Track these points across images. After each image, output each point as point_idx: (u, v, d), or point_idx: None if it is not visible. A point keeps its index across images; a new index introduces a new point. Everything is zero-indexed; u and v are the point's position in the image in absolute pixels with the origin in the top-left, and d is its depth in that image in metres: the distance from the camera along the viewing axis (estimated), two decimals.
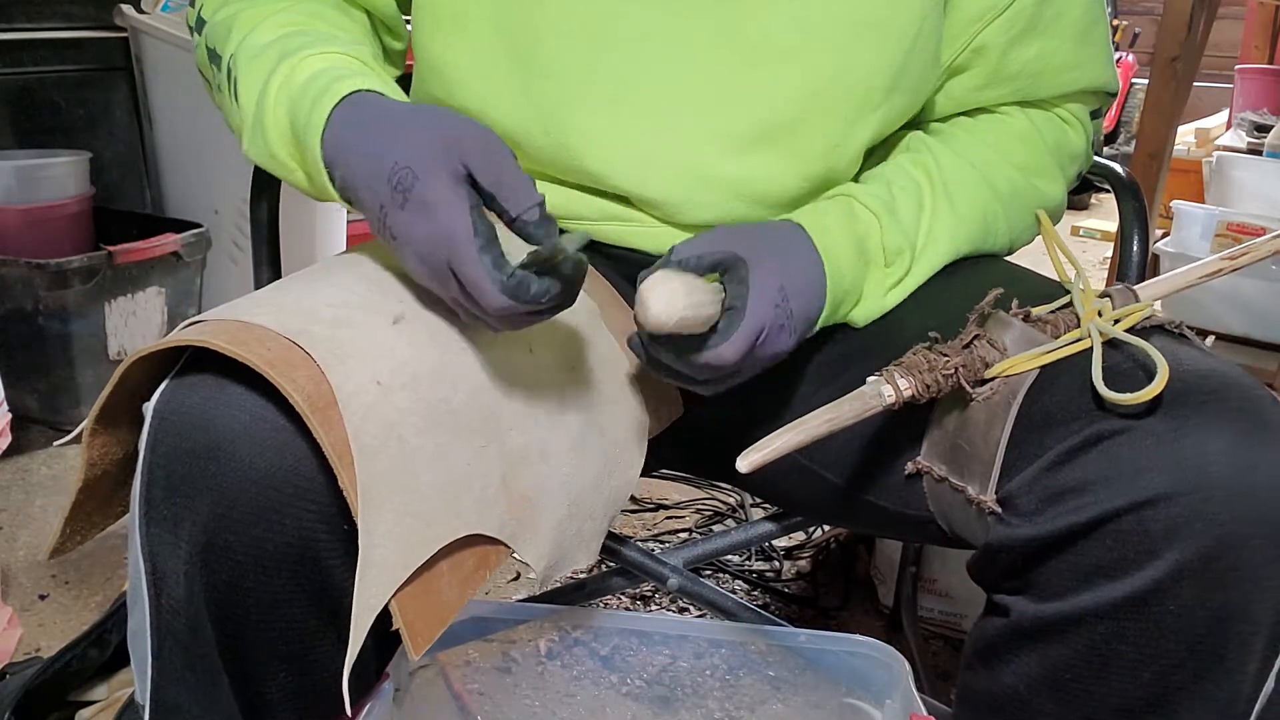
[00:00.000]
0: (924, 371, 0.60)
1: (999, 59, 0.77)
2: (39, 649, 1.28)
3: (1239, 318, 1.97)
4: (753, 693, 0.86)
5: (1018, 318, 0.62)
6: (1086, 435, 0.56)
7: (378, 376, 0.58)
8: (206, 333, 0.57)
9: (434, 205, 0.56)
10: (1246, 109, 3.01)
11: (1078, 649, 0.56)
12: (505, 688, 0.88)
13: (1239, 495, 0.52)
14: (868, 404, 0.60)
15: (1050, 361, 0.60)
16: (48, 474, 1.75)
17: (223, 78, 0.72)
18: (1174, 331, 0.62)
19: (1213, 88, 3.47)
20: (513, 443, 0.65)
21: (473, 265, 0.56)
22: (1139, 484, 0.53)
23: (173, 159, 2.22)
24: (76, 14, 2.13)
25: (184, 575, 0.56)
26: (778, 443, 0.58)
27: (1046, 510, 0.56)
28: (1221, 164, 2.40)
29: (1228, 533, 0.52)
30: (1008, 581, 0.60)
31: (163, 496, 0.56)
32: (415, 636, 0.58)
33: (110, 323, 1.89)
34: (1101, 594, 0.54)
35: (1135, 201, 0.94)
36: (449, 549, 0.60)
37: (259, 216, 0.96)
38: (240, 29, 0.72)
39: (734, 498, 1.75)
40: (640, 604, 1.44)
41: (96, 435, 0.61)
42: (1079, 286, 0.63)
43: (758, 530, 0.94)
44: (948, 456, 0.64)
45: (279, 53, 0.67)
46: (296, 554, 0.56)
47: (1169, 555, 0.52)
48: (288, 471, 0.56)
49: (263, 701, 0.60)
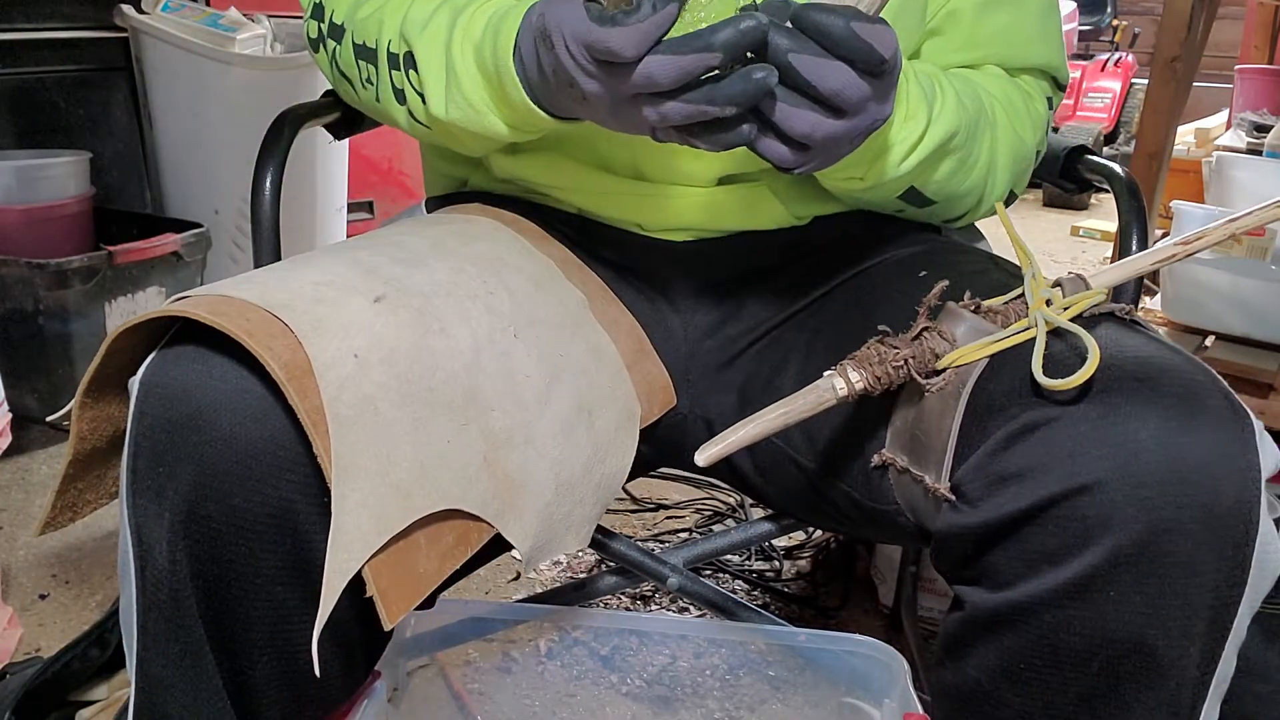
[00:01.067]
0: (875, 364, 0.61)
1: (971, 24, 0.80)
2: (39, 649, 1.28)
3: (1239, 318, 1.97)
4: (752, 692, 0.86)
5: (968, 309, 0.63)
6: (1024, 421, 0.56)
7: (355, 350, 0.58)
8: (189, 305, 0.58)
9: (554, 27, 0.58)
10: (1246, 109, 3.01)
11: (1029, 639, 0.56)
12: (505, 688, 0.88)
13: (1170, 481, 0.52)
14: (821, 397, 0.61)
15: (998, 350, 0.60)
16: (48, 474, 1.75)
17: (379, 68, 0.76)
18: (1124, 318, 0.62)
19: (1213, 88, 3.47)
20: (495, 424, 0.65)
21: (595, 34, 0.55)
22: (1072, 470, 0.53)
23: (173, 159, 2.22)
24: (76, 14, 2.13)
25: (167, 544, 0.56)
26: (734, 437, 0.59)
27: (992, 496, 0.57)
28: (1221, 164, 2.40)
29: (1160, 518, 0.52)
30: (963, 571, 0.61)
31: (147, 467, 0.57)
32: (389, 605, 0.58)
33: (110, 323, 1.90)
34: (1046, 580, 0.54)
35: (1135, 201, 0.94)
36: (427, 521, 0.60)
37: (259, 216, 0.96)
38: (393, 15, 0.75)
39: (734, 498, 1.75)
40: (640, 604, 1.44)
41: (86, 409, 0.62)
42: (1029, 275, 0.63)
43: (758, 530, 0.94)
44: (908, 447, 0.65)
45: (450, 13, 0.71)
46: (276, 524, 0.57)
47: (1105, 541, 0.53)
48: (267, 441, 0.56)
49: (249, 685, 0.60)
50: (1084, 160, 0.99)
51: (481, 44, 0.68)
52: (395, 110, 0.77)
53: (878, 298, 0.76)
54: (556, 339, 0.72)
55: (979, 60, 0.83)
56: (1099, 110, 5.06)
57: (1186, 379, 0.55)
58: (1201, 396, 0.54)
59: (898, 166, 0.72)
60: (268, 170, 0.96)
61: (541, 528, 0.68)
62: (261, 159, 0.95)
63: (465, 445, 0.63)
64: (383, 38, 0.76)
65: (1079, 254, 3.80)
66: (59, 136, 2.12)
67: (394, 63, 0.75)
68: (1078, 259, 3.70)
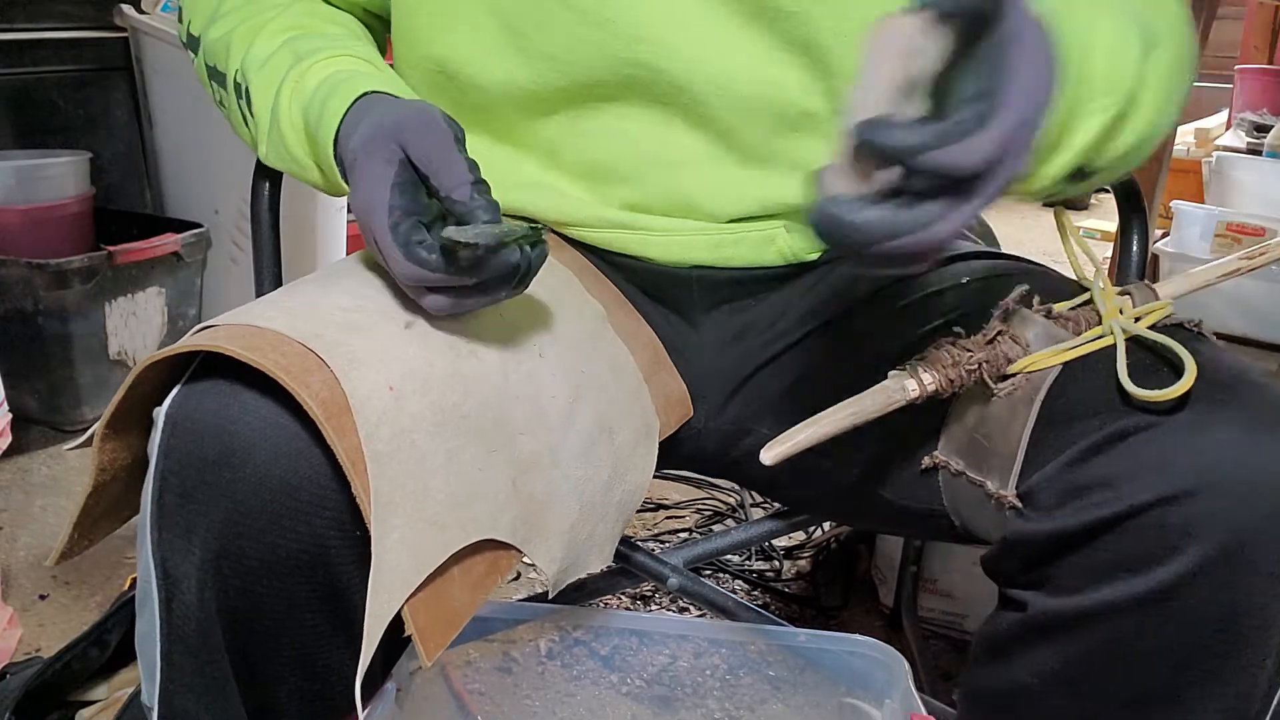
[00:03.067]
0: (948, 366, 0.60)
1: None
2: (39, 649, 1.28)
3: (1239, 318, 1.97)
4: (753, 693, 0.86)
5: (1039, 314, 0.63)
6: (1111, 431, 0.56)
7: (390, 382, 0.58)
8: (220, 338, 0.56)
9: (360, 181, 0.60)
10: (1246, 109, 3.01)
11: (1094, 643, 0.56)
12: (505, 688, 0.88)
13: (1257, 491, 0.52)
14: (891, 398, 0.60)
15: (1073, 358, 0.60)
16: (48, 474, 1.75)
17: (228, 93, 0.75)
18: (1192, 330, 0.62)
19: (1213, 88, 3.47)
20: (523, 447, 0.65)
21: (382, 234, 0.59)
22: (1163, 480, 0.53)
23: (173, 159, 2.22)
24: (76, 14, 2.13)
25: (196, 581, 0.56)
26: (801, 436, 0.58)
27: (1068, 505, 0.56)
28: (1221, 164, 2.40)
29: (1245, 529, 0.52)
30: (1024, 576, 0.60)
31: (176, 503, 0.56)
32: (427, 643, 0.58)
33: (110, 323, 1.90)
34: (1120, 589, 0.54)
35: (1135, 201, 0.94)
36: (460, 554, 0.60)
37: (259, 216, 0.96)
38: (239, 44, 0.73)
39: (734, 498, 1.75)
40: (640, 604, 1.44)
41: (107, 440, 0.60)
42: (1099, 284, 0.63)
43: (758, 530, 0.94)
44: (966, 451, 0.64)
45: (290, 56, 0.70)
46: (309, 560, 0.56)
47: (1190, 551, 0.52)
48: (303, 478, 0.55)
49: (272, 706, 0.60)
50: None
51: (309, 106, 0.67)
52: (244, 136, 0.77)
53: (913, 306, 0.75)
54: (577, 356, 0.72)
55: None
56: None
57: (1266, 389, 0.56)
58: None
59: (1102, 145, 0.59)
60: (267, 170, 0.95)
61: (567, 549, 0.68)
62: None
63: (495, 472, 0.62)
64: (229, 65, 0.74)
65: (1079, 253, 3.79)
66: (59, 136, 2.12)
67: (239, 92, 0.74)
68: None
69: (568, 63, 0.71)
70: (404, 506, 0.56)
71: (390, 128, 0.60)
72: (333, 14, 0.79)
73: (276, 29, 0.73)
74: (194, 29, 0.79)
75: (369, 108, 0.64)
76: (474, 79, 0.74)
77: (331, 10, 0.79)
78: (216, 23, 0.76)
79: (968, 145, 0.46)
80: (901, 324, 0.73)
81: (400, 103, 0.64)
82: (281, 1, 0.76)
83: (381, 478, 0.55)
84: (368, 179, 0.60)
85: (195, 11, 0.80)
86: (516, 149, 0.78)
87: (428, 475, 0.58)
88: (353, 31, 0.78)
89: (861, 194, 0.48)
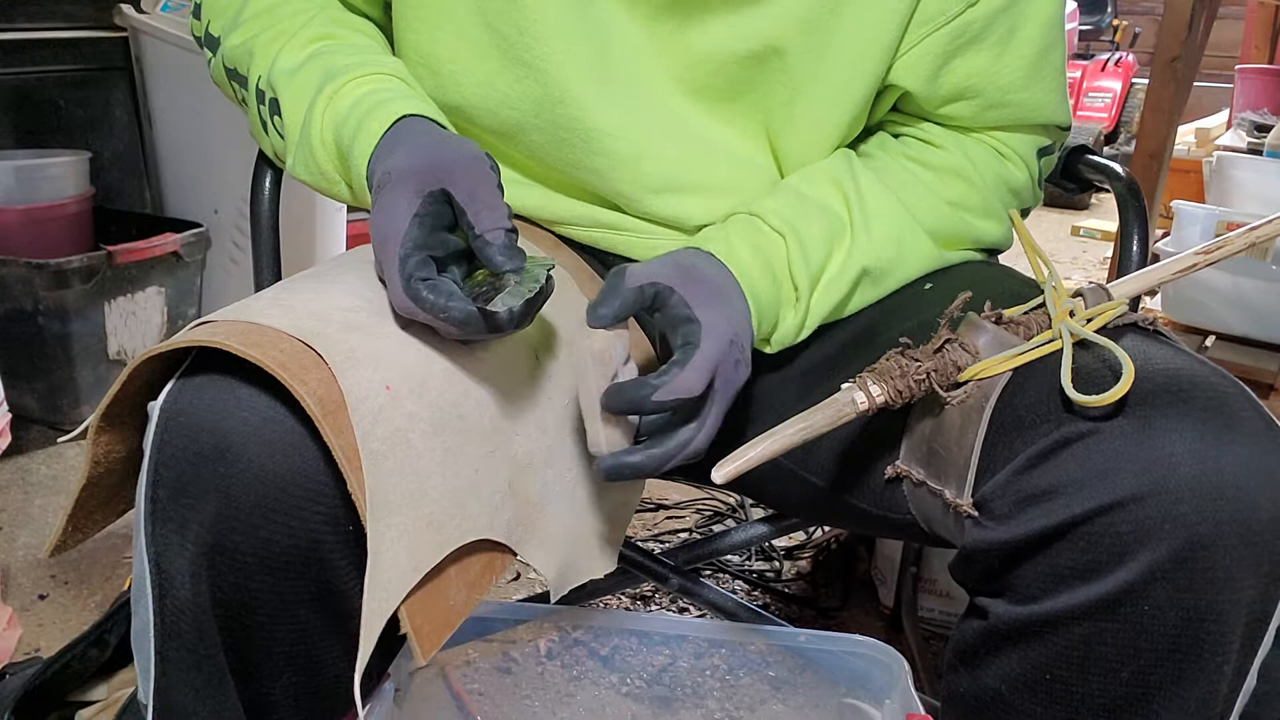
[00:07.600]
0: (896, 377, 0.60)
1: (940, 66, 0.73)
2: (39, 649, 1.28)
3: (1239, 318, 1.97)
4: (752, 693, 0.86)
5: (990, 320, 0.62)
6: (1055, 438, 0.56)
7: (387, 381, 0.58)
8: (219, 333, 0.56)
9: (383, 204, 0.61)
10: (1246, 109, 3.01)
11: (1056, 650, 0.56)
12: (505, 688, 0.88)
13: (1207, 495, 0.52)
14: (841, 411, 0.60)
15: (1022, 364, 0.59)
16: (47, 474, 1.75)
17: (250, 94, 0.75)
18: (1147, 329, 0.61)
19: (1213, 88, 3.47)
20: (518, 449, 0.65)
21: (390, 261, 0.59)
22: (1107, 486, 0.53)
23: (173, 159, 2.22)
24: (76, 14, 2.13)
25: (190, 576, 0.56)
26: (752, 453, 0.58)
27: (1019, 514, 0.56)
28: (1221, 164, 2.40)
29: (1197, 533, 0.52)
30: (986, 584, 0.60)
31: (169, 497, 0.56)
32: (423, 642, 0.58)
33: (110, 323, 1.90)
34: (1076, 596, 0.54)
35: (1135, 201, 0.94)
36: (456, 554, 0.60)
37: (259, 216, 0.96)
38: (264, 52, 0.73)
39: (734, 498, 1.75)
40: (640, 604, 1.44)
41: (101, 433, 0.61)
42: (1051, 286, 0.62)
43: (758, 530, 0.94)
44: (925, 460, 0.64)
45: (321, 72, 0.70)
46: (303, 556, 0.56)
47: (1141, 557, 0.52)
48: (297, 474, 0.56)
49: (267, 702, 0.60)
50: (1085, 160, 0.99)
51: (343, 125, 0.68)
52: (262, 141, 0.77)
53: (886, 309, 0.75)
54: (571, 356, 0.72)
55: (942, 106, 0.76)
56: (1099, 110, 5.06)
57: (1217, 391, 0.55)
58: (1234, 409, 0.54)
59: (796, 336, 0.73)
60: (267, 170, 0.95)
61: (565, 551, 0.68)
62: (261, 158, 0.95)
63: (493, 473, 0.62)
64: (253, 71, 0.74)
65: (1079, 254, 3.80)
66: (59, 136, 2.12)
67: (260, 99, 0.74)
68: (1078, 259, 3.70)
69: (543, 70, 0.72)
70: (401, 505, 0.56)
71: (434, 160, 0.61)
72: (356, 21, 0.79)
73: (305, 39, 0.73)
74: (214, 29, 0.79)
75: (407, 134, 0.65)
76: (455, 77, 0.75)
77: (352, 17, 0.79)
78: (239, 28, 0.76)
79: (679, 381, 0.61)
80: (874, 334, 0.73)
81: (449, 137, 0.65)
82: (305, 9, 0.76)
83: (377, 476, 0.55)
84: (392, 203, 0.60)
85: (215, 13, 0.80)
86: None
87: (424, 475, 0.58)
88: (378, 42, 0.78)
89: (629, 446, 0.64)
